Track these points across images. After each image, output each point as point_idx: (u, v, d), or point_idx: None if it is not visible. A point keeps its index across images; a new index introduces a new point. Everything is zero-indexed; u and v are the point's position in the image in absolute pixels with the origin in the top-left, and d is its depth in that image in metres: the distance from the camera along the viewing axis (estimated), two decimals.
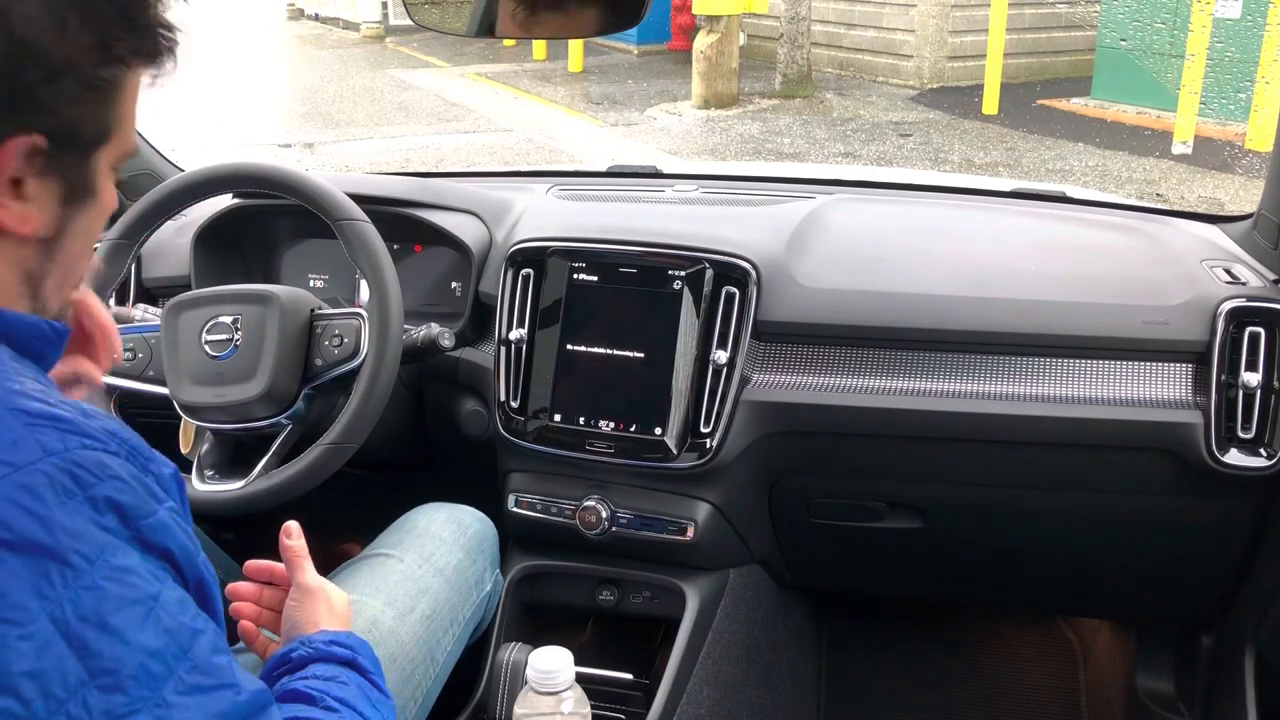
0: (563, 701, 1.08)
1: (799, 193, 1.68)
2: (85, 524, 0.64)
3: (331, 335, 1.35)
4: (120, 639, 0.64)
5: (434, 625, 1.24)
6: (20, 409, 0.66)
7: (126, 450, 0.69)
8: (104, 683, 0.63)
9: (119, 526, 0.66)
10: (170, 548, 0.70)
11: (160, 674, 0.66)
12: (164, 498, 0.71)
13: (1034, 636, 1.99)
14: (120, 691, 0.64)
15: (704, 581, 1.49)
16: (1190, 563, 1.48)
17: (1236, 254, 1.47)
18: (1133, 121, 7.54)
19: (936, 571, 1.64)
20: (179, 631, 0.68)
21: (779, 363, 1.43)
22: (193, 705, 0.67)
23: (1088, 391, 1.35)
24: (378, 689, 0.93)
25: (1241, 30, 6.68)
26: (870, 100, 8.86)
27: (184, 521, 0.73)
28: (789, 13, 8.70)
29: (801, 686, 1.85)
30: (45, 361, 0.74)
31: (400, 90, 9.89)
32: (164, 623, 0.67)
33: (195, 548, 0.73)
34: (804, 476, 1.48)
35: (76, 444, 0.66)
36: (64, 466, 0.65)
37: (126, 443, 0.70)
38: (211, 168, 1.43)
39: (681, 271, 1.41)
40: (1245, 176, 6.26)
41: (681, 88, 9.21)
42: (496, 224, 1.61)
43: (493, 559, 1.43)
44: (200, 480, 1.34)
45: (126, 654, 0.64)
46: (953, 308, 1.39)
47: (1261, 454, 1.29)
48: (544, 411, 1.45)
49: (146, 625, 0.66)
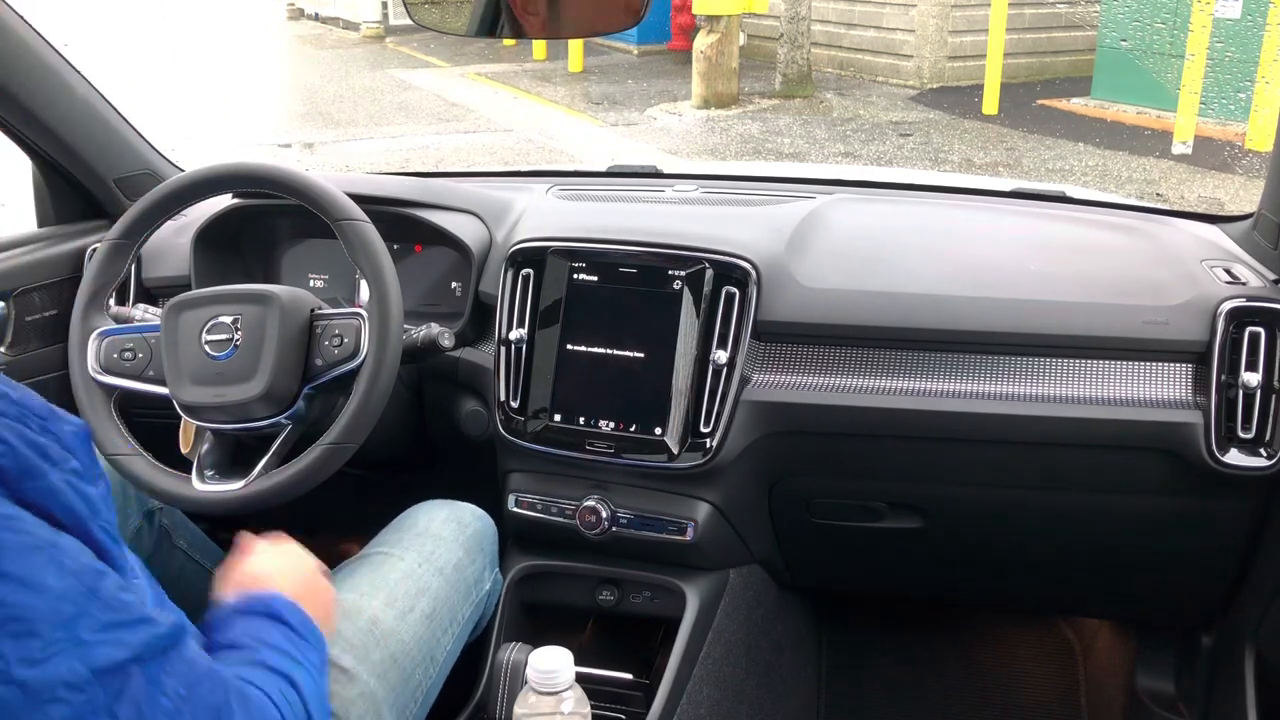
0: (563, 701, 1.08)
1: (799, 193, 1.68)
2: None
3: (331, 335, 1.35)
4: (24, 585, 0.64)
5: (434, 624, 1.24)
6: None
7: (16, 410, 0.69)
8: (15, 630, 0.63)
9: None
10: (54, 512, 0.69)
11: (72, 614, 0.66)
12: (62, 458, 0.70)
13: (1034, 636, 1.99)
14: (34, 636, 0.63)
15: (704, 581, 1.49)
16: (1190, 563, 1.48)
17: (1236, 254, 1.47)
18: (1133, 121, 7.54)
19: (936, 571, 1.64)
20: (83, 572, 0.67)
21: (779, 363, 1.43)
22: (112, 640, 0.67)
23: (1088, 391, 1.35)
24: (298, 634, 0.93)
25: (1241, 30, 6.68)
26: (870, 100, 8.86)
27: (84, 483, 0.72)
28: (789, 13, 8.70)
29: (801, 686, 1.85)
30: None
31: (400, 90, 9.89)
32: (67, 565, 0.66)
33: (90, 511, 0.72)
34: (804, 476, 1.48)
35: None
36: None
37: (16, 403, 0.69)
38: (211, 168, 1.43)
39: (681, 271, 1.41)
40: (1245, 176, 6.26)
41: (681, 88, 9.21)
42: (496, 224, 1.61)
43: (492, 557, 1.43)
44: (200, 480, 1.34)
45: (34, 599, 0.64)
46: (953, 308, 1.39)
47: (1261, 454, 1.29)
48: (544, 411, 1.45)
49: (49, 569, 0.65)
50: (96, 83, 1.69)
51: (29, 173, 1.76)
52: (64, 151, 1.67)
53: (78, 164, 1.70)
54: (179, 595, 1.43)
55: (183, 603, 1.24)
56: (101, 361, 1.36)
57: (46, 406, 0.72)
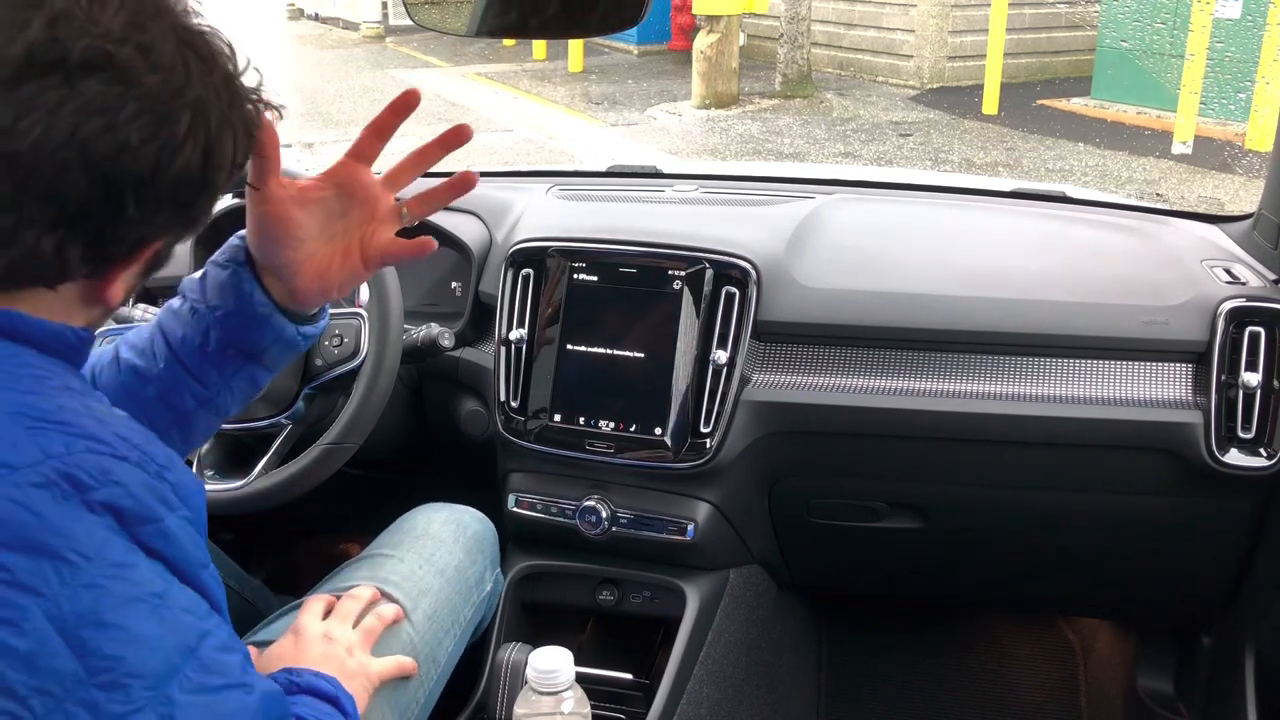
0: (563, 701, 1.08)
1: (799, 193, 1.68)
2: (81, 525, 0.64)
3: (331, 335, 1.35)
4: (120, 636, 0.64)
5: (435, 626, 1.24)
6: (24, 412, 0.66)
7: (138, 455, 0.69)
8: (103, 680, 0.63)
9: (117, 528, 0.66)
10: (167, 554, 0.69)
11: (163, 672, 0.65)
12: (176, 505, 0.70)
13: (1034, 636, 1.99)
14: (120, 689, 0.63)
15: (704, 581, 1.49)
16: (1190, 563, 1.48)
17: (1236, 254, 1.47)
18: (1133, 121, 7.54)
19: (936, 571, 1.64)
20: (185, 630, 0.67)
21: (779, 363, 1.43)
22: (200, 705, 0.67)
23: (1087, 391, 1.35)
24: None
25: (1241, 30, 6.68)
26: (870, 100, 8.86)
27: (195, 533, 0.72)
28: (789, 13, 8.71)
29: (801, 686, 1.85)
30: (74, 360, 0.76)
31: (400, 90, 9.85)
32: (169, 621, 0.66)
33: (201, 560, 0.72)
34: (804, 476, 1.48)
35: (82, 447, 0.66)
36: (64, 470, 0.64)
37: (138, 448, 0.70)
38: None
39: (681, 271, 1.41)
40: (1245, 176, 6.26)
41: (681, 88, 9.21)
42: (496, 224, 1.61)
43: (493, 559, 1.43)
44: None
45: (127, 651, 0.64)
46: (953, 308, 1.39)
47: (1261, 454, 1.29)
48: (544, 411, 1.45)
49: (148, 622, 0.65)
50: None
51: None
52: None
53: None
54: None
55: None
56: None
57: (166, 454, 0.72)
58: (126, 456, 0.68)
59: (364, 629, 1.13)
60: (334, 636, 1.09)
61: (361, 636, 1.11)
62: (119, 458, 0.67)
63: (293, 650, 1.07)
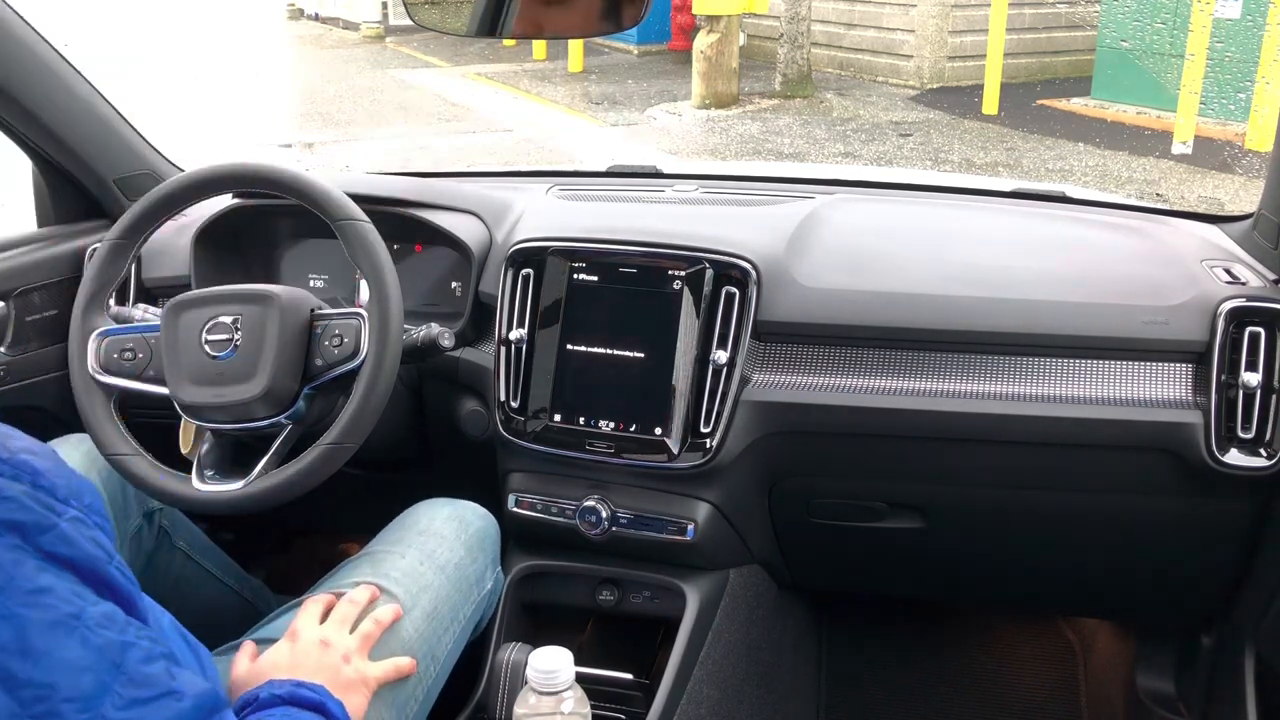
0: (563, 701, 1.08)
1: (799, 193, 1.68)
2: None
3: (331, 335, 1.35)
4: (47, 663, 0.63)
5: (435, 623, 1.24)
6: None
7: (10, 470, 0.68)
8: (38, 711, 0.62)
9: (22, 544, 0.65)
10: (73, 558, 0.68)
11: (94, 692, 0.64)
12: (63, 508, 0.69)
13: (1034, 636, 1.99)
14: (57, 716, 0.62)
15: (704, 581, 1.49)
16: (1190, 562, 1.48)
17: (1236, 254, 1.47)
18: (1133, 121, 7.54)
19: (937, 571, 1.64)
20: (107, 647, 0.66)
21: (779, 363, 1.43)
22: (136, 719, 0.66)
23: (1087, 391, 1.35)
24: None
25: (1241, 30, 6.68)
26: (870, 100, 8.86)
27: (88, 528, 0.71)
28: (789, 13, 8.70)
29: (801, 686, 1.85)
30: None
31: (400, 90, 9.89)
32: (90, 640, 0.65)
33: (104, 555, 0.71)
34: (804, 477, 1.48)
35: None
36: None
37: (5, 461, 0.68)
38: (211, 168, 1.43)
39: (681, 271, 1.41)
40: (1245, 176, 6.26)
41: (681, 88, 9.21)
42: (496, 224, 1.61)
43: (494, 557, 1.43)
44: (200, 480, 1.34)
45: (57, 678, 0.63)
46: (953, 308, 1.39)
47: (1261, 454, 1.28)
48: (544, 411, 1.45)
49: (71, 643, 0.64)
50: (96, 83, 1.69)
51: (29, 173, 1.76)
52: (64, 152, 1.67)
53: (78, 164, 1.70)
54: (179, 595, 1.44)
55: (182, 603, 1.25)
56: (101, 361, 1.36)
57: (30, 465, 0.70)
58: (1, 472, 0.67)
59: (361, 634, 1.12)
60: (331, 642, 1.09)
61: (359, 642, 1.11)
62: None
63: (289, 658, 1.07)
